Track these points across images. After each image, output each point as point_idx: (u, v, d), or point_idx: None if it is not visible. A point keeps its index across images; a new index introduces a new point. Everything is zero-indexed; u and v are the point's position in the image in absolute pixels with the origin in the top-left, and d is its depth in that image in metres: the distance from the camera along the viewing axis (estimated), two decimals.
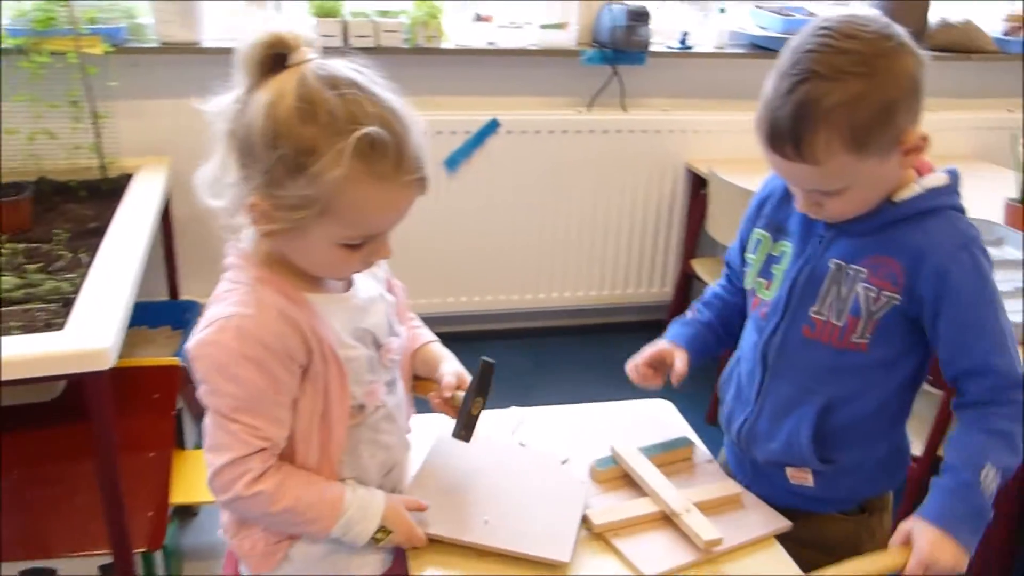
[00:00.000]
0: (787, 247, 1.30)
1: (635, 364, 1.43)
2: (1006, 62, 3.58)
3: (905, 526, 1.18)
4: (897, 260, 1.19)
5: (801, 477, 1.32)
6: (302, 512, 1.10)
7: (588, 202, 3.28)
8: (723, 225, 2.97)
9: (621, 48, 3.07)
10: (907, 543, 1.17)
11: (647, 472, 1.32)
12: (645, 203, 3.33)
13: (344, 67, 1.02)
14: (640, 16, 3.02)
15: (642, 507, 1.28)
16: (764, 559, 1.22)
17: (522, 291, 3.35)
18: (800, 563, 1.29)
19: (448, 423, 1.28)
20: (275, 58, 1.01)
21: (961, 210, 1.21)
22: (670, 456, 1.40)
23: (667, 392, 1.44)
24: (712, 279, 3.04)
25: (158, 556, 1.98)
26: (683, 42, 3.28)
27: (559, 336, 3.50)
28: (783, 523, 1.27)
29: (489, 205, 3.19)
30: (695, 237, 3.23)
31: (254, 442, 1.05)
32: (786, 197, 1.30)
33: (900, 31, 1.11)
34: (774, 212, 1.33)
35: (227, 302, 1.06)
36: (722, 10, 3.33)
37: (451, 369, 1.28)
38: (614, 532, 1.23)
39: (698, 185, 3.22)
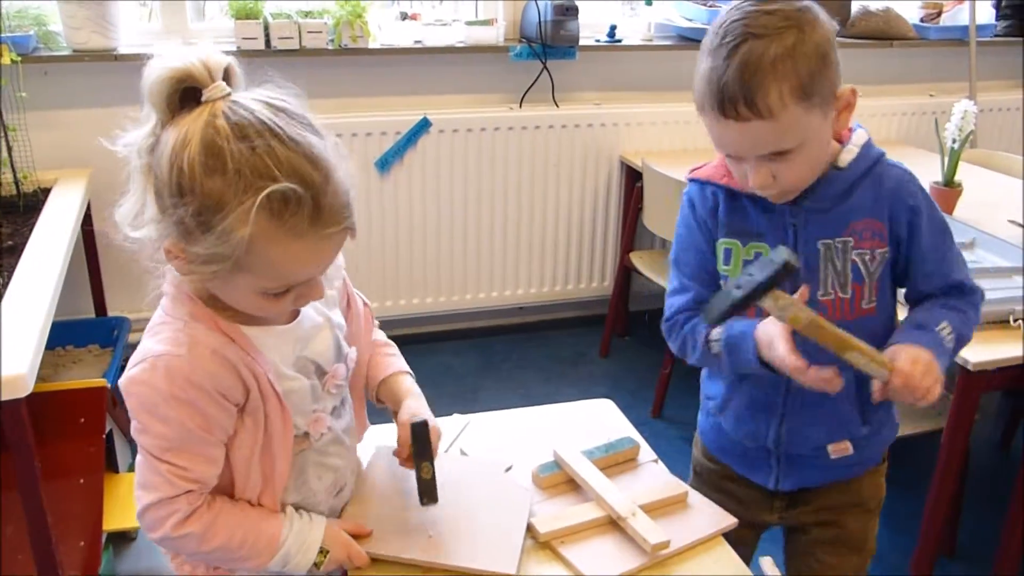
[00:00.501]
0: (762, 247, 1.29)
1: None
2: (926, 48, 3.66)
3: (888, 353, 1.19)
4: (875, 218, 1.25)
5: (842, 449, 1.35)
6: (235, 550, 1.08)
7: (524, 199, 3.26)
8: (659, 217, 2.97)
9: (550, 43, 3.05)
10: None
11: (591, 476, 1.30)
12: (581, 198, 3.32)
13: (261, 107, 0.94)
14: (568, 10, 3.01)
15: (587, 512, 1.25)
16: (712, 558, 1.20)
17: (462, 291, 3.32)
18: (844, 526, 1.42)
19: (385, 433, 1.27)
20: (186, 92, 0.95)
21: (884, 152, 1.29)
22: (614, 458, 1.37)
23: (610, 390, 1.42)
24: (651, 272, 3.05)
25: None
26: (612, 35, 3.27)
27: (503, 335, 3.47)
28: (729, 520, 1.26)
29: (423, 206, 3.14)
30: (632, 230, 3.23)
31: (180, 484, 1.03)
32: (733, 200, 1.29)
33: (806, 4, 1.16)
34: (729, 218, 1.30)
35: (159, 338, 1.03)
36: (649, 2, 3.33)
37: (403, 418, 1.22)
38: (560, 540, 1.21)
39: (633, 178, 3.22)
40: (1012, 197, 2.69)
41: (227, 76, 0.97)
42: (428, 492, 1.18)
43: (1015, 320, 1.83)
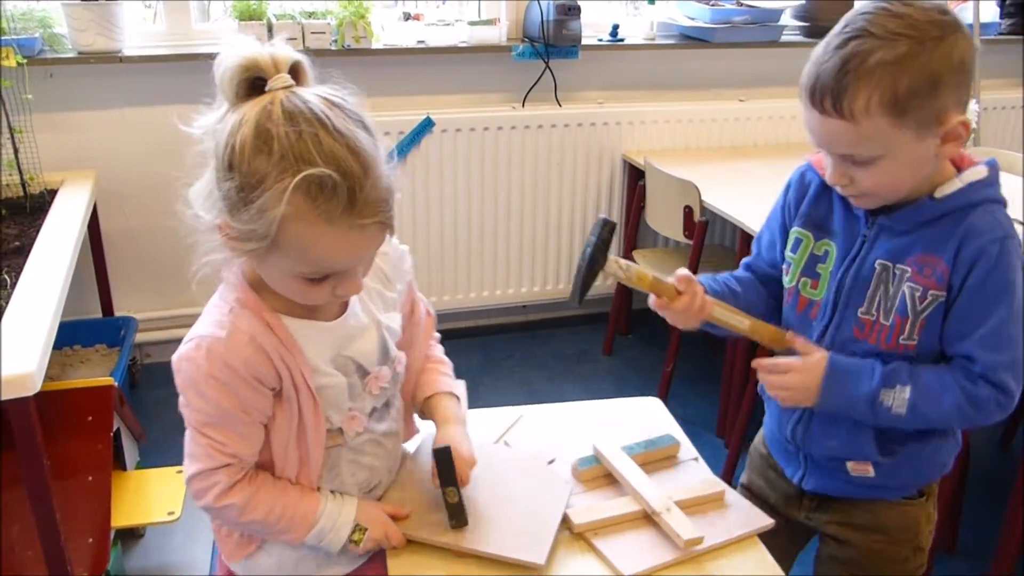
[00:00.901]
0: (831, 246, 1.29)
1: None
2: None
3: (809, 349, 1.26)
4: (941, 257, 1.17)
5: (862, 469, 1.32)
6: (273, 523, 1.15)
7: (527, 198, 3.27)
8: (661, 215, 2.98)
9: (552, 43, 3.07)
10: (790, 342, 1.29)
11: (628, 471, 1.31)
12: (584, 196, 3.34)
13: (316, 100, 0.98)
14: (570, 10, 3.02)
15: (623, 506, 1.27)
16: (746, 558, 1.21)
17: (466, 290, 3.33)
18: (860, 548, 1.37)
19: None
20: (252, 82, 0.99)
21: (1001, 202, 1.20)
22: (653, 454, 1.38)
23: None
24: (654, 270, 3.05)
25: None
26: (614, 35, 3.28)
27: (506, 333, 3.49)
28: (766, 521, 1.27)
29: (426, 205, 3.16)
30: (635, 228, 3.24)
31: (219, 458, 1.11)
32: (823, 193, 1.29)
33: (953, 16, 1.10)
34: (812, 209, 1.31)
35: (207, 320, 1.10)
36: (651, 1, 3.34)
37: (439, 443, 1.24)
38: (594, 532, 1.22)
39: (635, 176, 3.23)
40: (1013, 195, 2.69)
41: (296, 72, 1.02)
42: (456, 515, 1.20)
43: None
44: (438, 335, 1.40)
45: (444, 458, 1.19)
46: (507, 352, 3.33)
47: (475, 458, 1.24)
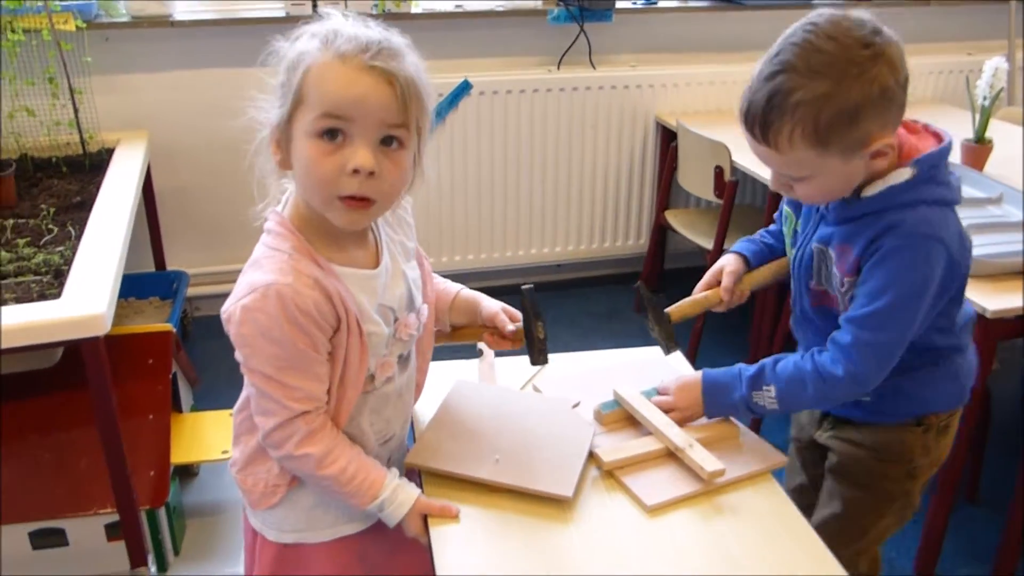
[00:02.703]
0: (799, 225, 1.43)
1: (698, 287, 1.52)
2: (965, 5, 3.66)
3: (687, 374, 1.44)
4: (853, 248, 1.28)
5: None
6: (344, 484, 1.19)
7: (562, 159, 3.35)
8: (693, 176, 3.05)
9: (587, 6, 3.13)
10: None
11: (650, 412, 1.40)
12: (617, 158, 3.40)
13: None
14: None
15: (646, 445, 1.35)
16: (760, 492, 1.29)
17: (502, 248, 3.42)
18: (854, 464, 1.49)
19: (464, 369, 1.45)
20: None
21: (938, 202, 1.24)
22: None
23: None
24: (685, 230, 3.13)
25: (162, 513, 2.07)
26: None
27: (541, 291, 3.52)
28: (779, 458, 1.36)
29: (463, 166, 3.25)
30: (667, 189, 3.31)
31: (294, 407, 1.14)
32: None
33: (883, 40, 1.16)
34: None
35: (266, 269, 1.12)
36: None
37: (493, 308, 1.38)
38: (621, 469, 1.31)
39: (668, 138, 3.29)
40: None
41: None
42: (541, 351, 1.31)
43: None
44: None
45: (531, 295, 1.30)
46: (541, 308, 3.42)
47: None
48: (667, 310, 1.47)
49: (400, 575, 1.35)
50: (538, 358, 1.32)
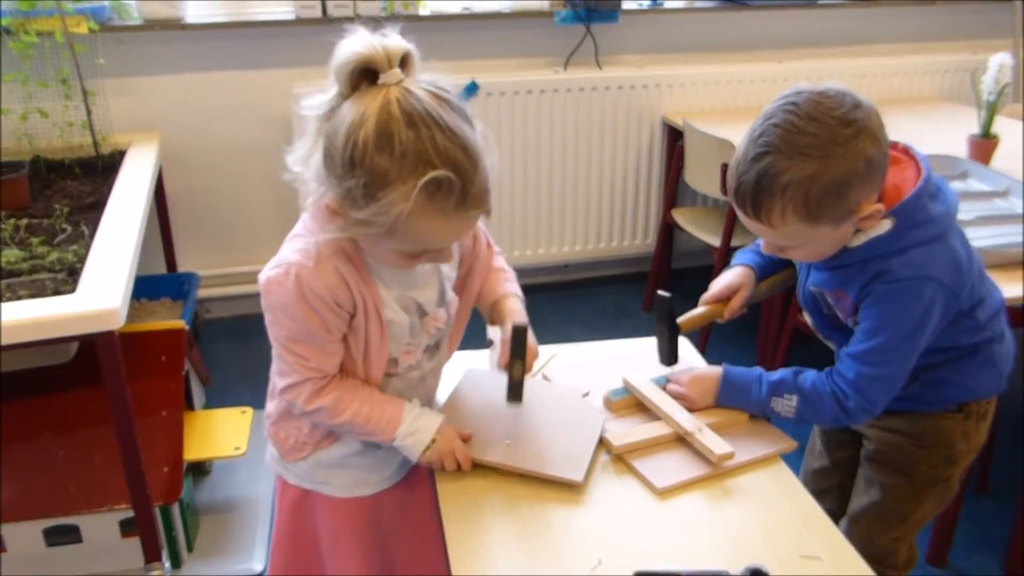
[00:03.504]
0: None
1: (705, 298, 1.54)
2: (970, 3, 3.67)
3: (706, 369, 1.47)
4: (848, 293, 1.34)
5: None
6: (362, 425, 1.27)
7: (569, 159, 3.37)
8: (700, 175, 3.06)
9: (594, 7, 3.15)
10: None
11: (659, 398, 1.42)
12: (624, 157, 3.42)
13: (428, 97, 1.06)
14: None
15: (656, 430, 1.37)
16: (770, 475, 1.30)
17: (509, 248, 3.44)
18: (893, 451, 1.50)
19: (475, 358, 1.48)
20: (366, 73, 1.08)
21: (922, 242, 1.27)
22: None
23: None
24: (693, 228, 3.15)
25: (175, 510, 2.08)
26: None
27: (546, 292, 3.59)
28: (789, 443, 1.37)
29: None
30: (674, 188, 3.32)
31: (304, 372, 1.23)
32: None
33: (863, 114, 1.20)
34: None
35: (295, 247, 1.19)
36: None
37: (504, 335, 1.36)
38: (631, 453, 1.33)
39: (674, 137, 3.31)
40: None
41: (404, 62, 1.10)
42: (515, 391, 1.31)
43: None
44: (499, 249, 1.49)
45: (520, 333, 1.29)
46: (550, 309, 3.44)
47: (538, 351, 1.36)
48: (689, 319, 1.50)
49: (410, 543, 1.42)
50: (510, 396, 1.32)
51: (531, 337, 1.33)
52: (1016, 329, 1.54)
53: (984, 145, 2.58)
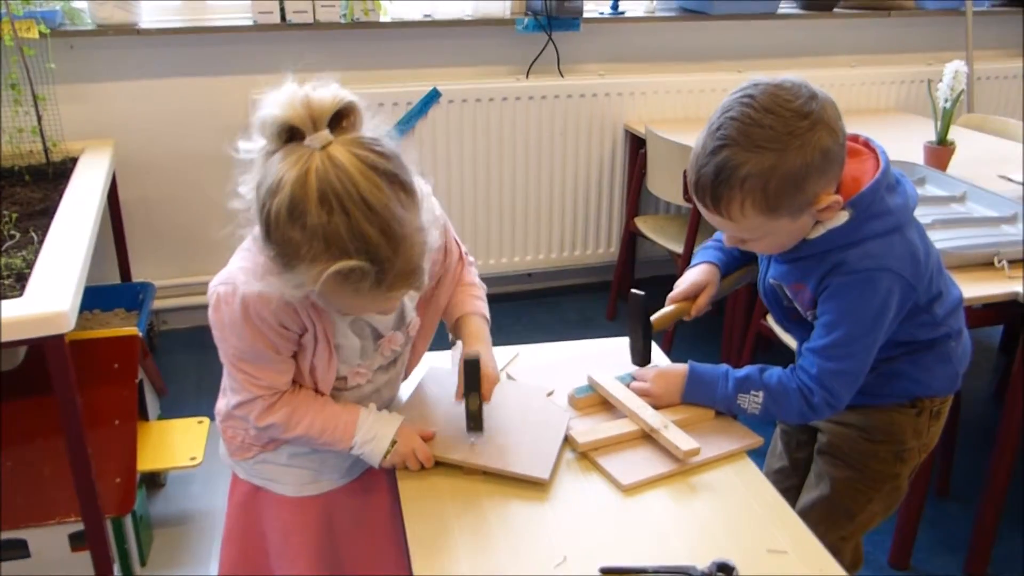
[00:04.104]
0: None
1: (672, 296, 1.53)
2: (924, 17, 3.74)
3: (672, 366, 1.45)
4: (807, 285, 1.34)
5: None
6: (316, 437, 1.25)
7: (531, 167, 3.36)
8: (663, 181, 3.07)
9: (555, 15, 3.15)
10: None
11: (624, 395, 1.40)
12: (587, 165, 3.42)
13: (355, 170, 0.98)
14: None
15: (621, 427, 1.35)
16: (736, 471, 1.29)
17: (472, 257, 3.41)
18: (843, 444, 1.50)
19: (438, 358, 1.47)
20: (292, 131, 1.01)
21: (879, 234, 1.27)
22: None
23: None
24: (655, 235, 3.15)
25: (128, 522, 2.02)
26: (615, 8, 3.37)
27: (509, 301, 3.57)
28: (755, 439, 1.36)
29: (433, 174, 3.17)
30: (637, 196, 3.33)
31: (254, 389, 1.21)
32: None
33: (819, 106, 1.19)
34: None
35: (244, 266, 1.14)
36: None
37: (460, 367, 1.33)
38: (596, 450, 1.31)
39: (636, 145, 3.32)
40: (1004, 156, 2.78)
41: (343, 115, 1.03)
42: (474, 421, 1.29)
43: (999, 261, 1.93)
44: (472, 259, 1.47)
45: (472, 366, 1.27)
46: (513, 318, 3.42)
47: (498, 376, 1.32)
48: (660, 318, 1.49)
49: (364, 546, 1.40)
50: (469, 426, 1.30)
51: (488, 363, 1.30)
52: (973, 331, 1.54)
53: (940, 152, 2.62)
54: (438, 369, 1.48)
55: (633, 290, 1.46)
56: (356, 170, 0.98)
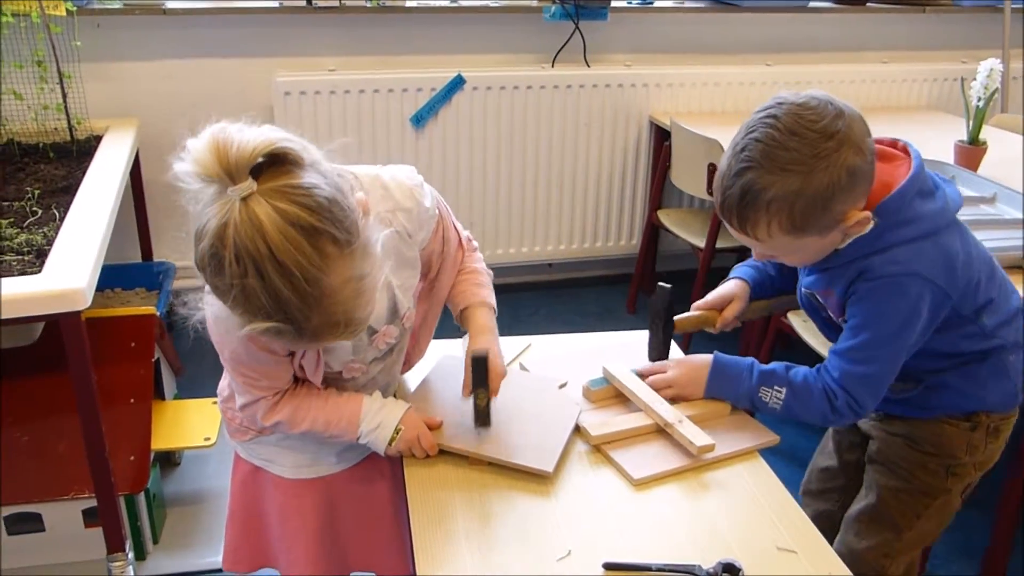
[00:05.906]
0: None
1: (699, 304, 1.52)
2: (960, 14, 3.67)
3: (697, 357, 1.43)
4: (835, 291, 1.33)
5: (901, 388, 1.41)
6: (322, 431, 1.27)
7: (555, 157, 3.33)
8: (687, 175, 3.03)
9: (582, 4, 3.12)
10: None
11: (639, 388, 1.39)
12: (611, 157, 3.39)
13: (272, 225, 0.92)
14: None
15: (635, 420, 1.34)
16: (749, 470, 1.28)
17: (492, 247, 3.40)
18: (891, 452, 1.48)
19: (449, 347, 1.47)
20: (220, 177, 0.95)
21: (908, 240, 1.25)
22: None
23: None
24: (678, 229, 3.12)
25: (141, 500, 2.03)
26: None
27: (530, 291, 3.56)
28: (771, 437, 1.34)
29: (455, 161, 3.23)
30: (660, 189, 3.29)
31: (256, 391, 1.23)
32: None
33: (845, 124, 1.16)
34: None
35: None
36: None
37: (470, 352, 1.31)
38: (609, 444, 1.30)
39: (661, 137, 3.28)
40: None
41: (274, 160, 0.96)
42: (482, 417, 1.28)
43: None
44: (476, 245, 1.45)
45: (480, 363, 1.26)
46: (532, 308, 3.41)
47: (506, 371, 1.31)
48: (684, 319, 1.49)
49: (365, 531, 1.40)
50: (476, 422, 1.29)
51: (495, 358, 1.28)
52: None
53: (972, 152, 2.57)
54: (449, 358, 1.47)
55: (660, 283, 1.44)
56: (274, 227, 0.92)
